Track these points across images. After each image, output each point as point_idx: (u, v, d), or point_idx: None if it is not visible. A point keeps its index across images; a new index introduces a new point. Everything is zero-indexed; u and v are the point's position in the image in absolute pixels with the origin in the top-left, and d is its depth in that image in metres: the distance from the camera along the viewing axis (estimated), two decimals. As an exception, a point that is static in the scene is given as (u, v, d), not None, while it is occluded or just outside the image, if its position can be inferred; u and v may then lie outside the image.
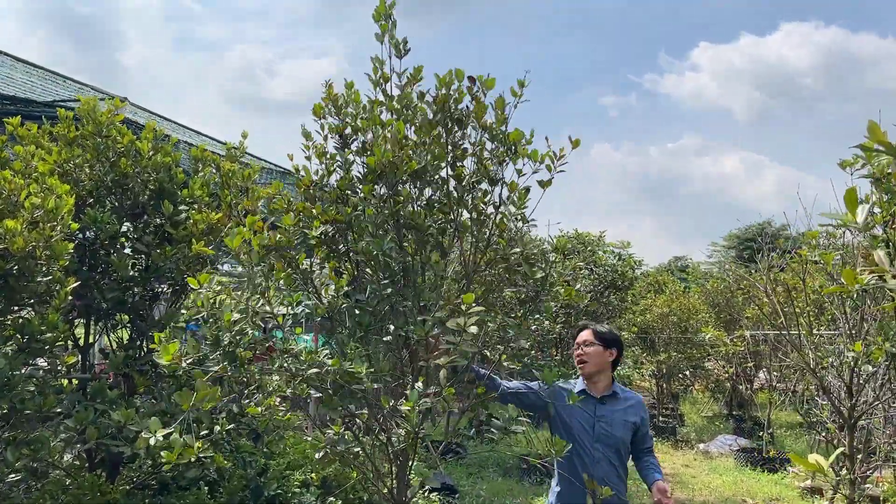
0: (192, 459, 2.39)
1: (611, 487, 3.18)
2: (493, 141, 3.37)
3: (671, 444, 12.78)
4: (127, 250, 4.05)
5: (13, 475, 3.21)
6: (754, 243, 31.25)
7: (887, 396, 5.18)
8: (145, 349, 4.16)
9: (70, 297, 3.29)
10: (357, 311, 3.40)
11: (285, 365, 2.90)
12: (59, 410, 3.50)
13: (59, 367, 3.43)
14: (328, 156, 3.48)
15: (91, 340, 4.30)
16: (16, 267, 3.05)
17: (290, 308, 3.21)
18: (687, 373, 14.14)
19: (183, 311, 4.10)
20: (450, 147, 3.34)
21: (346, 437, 3.40)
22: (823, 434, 8.70)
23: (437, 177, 3.41)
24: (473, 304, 2.88)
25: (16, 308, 3.30)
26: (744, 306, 11.65)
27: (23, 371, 3.21)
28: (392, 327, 3.47)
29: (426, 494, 6.48)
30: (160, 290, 4.18)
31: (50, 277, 3.44)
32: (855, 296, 3.83)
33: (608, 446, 3.50)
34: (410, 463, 3.65)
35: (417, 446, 3.50)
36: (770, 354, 11.05)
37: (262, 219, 3.34)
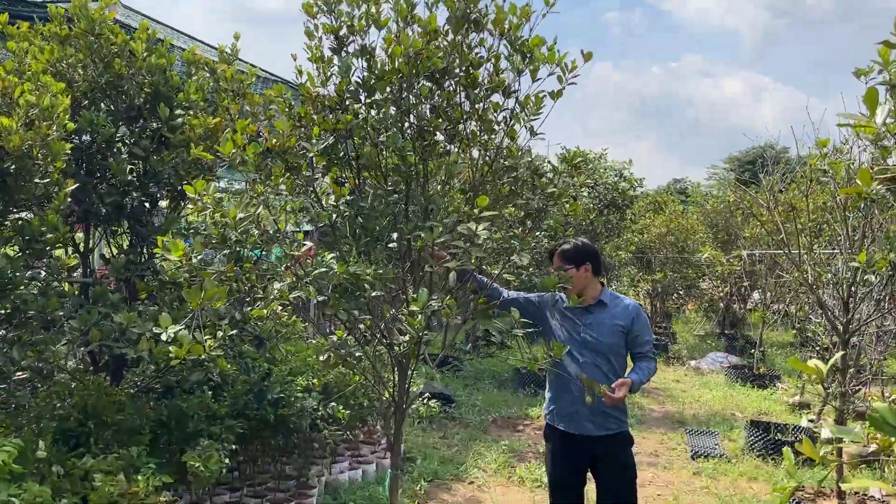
0: (202, 356, 2.39)
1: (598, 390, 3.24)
2: (511, 48, 3.26)
3: (663, 361, 13.03)
4: (124, 155, 3.98)
5: (19, 373, 3.25)
6: (754, 166, 31.06)
7: (881, 314, 5.24)
8: (146, 255, 4.15)
9: (69, 200, 3.25)
10: (360, 219, 3.37)
11: (292, 267, 2.88)
12: (61, 314, 3.52)
13: (60, 270, 3.42)
14: (326, 59, 3.35)
15: (91, 246, 4.29)
16: (13, 167, 3.00)
17: (292, 213, 3.18)
18: (681, 292, 14.29)
19: (185, 213, 4.07)
20: (465, 50, 3.23)
21: (349, 341, 3.44)
22: (816, 351, 8.86)
23: (449, 83, 3.31)
24: (485, 210, 2.85)
25: (15, 210, 3.26)
26: (743, 225, 11.66)
27: (25, 273, 3.20)
28: (396, 235, 3.46)
29: (425, 402, 6.64)
30: (159, 196, 4.13)
31: (48, 180, 3.39)
32: (862, 205, 3.81)
33: (596, 353, 3.60)
34: (411, 371, 3.70)
35: (419, 352, 3.55)
36: (766, 274, 11.13)
37: (258, 123, 3.27)
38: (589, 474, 3.77)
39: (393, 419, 3.79)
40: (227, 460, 3.58)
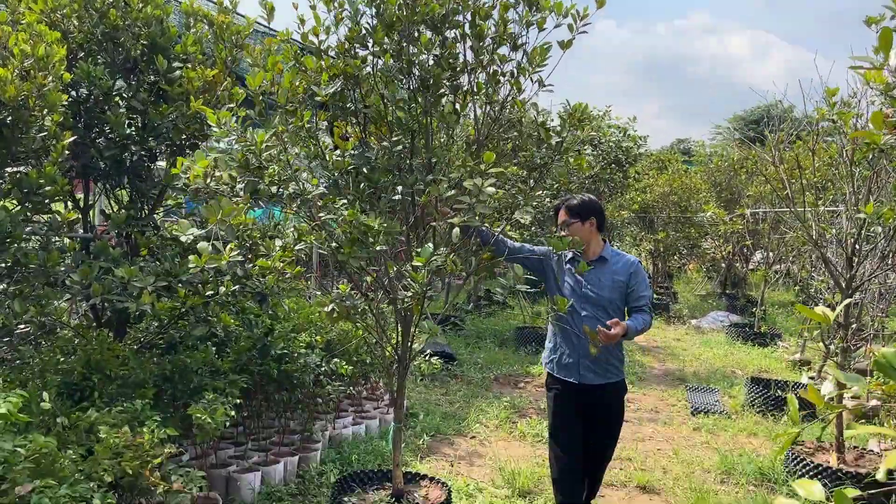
0: (224, 263, 2.41)
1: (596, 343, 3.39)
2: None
3: (664, 320, 13.09)
4: (122, 109, 3.92)
5: (22, 326, 3.24)
6: (759, 125, 30.78)
7: (884, 270, 5.23)
8: (146, 211, 4.12)
9: (67, 153, 3.20)
10: (365, 170, 3.33)
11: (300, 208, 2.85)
12: (62, 269, 3.50)
13: (60, 225, 3.40)
14: (336, 2, 3.27)
15: (91, 202, 4.26)
16: (9, 118, 2.95)
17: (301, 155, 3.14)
18: (683, 251, 14.27)
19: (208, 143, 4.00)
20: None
21: (353, 294, 3.43)
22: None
23: (454, 33, 3.24)
24: (491, 164, 2.81)
25: (13, 163, 3.22)
26: (746, 184, 11.57)
27: (24, 227, 3.17)
28: (400, 188, 3.43)
29: (427, 359, 6.67)
30: (158, 151, 4.08)
31: (45, 133, 3.35)
32: (871, 156, 3.76)
33: (596, 307, 3.70)
34: (414, 327, 3.70)
35: (423, 307, 3.54)
36: (769, 233, 11.10)
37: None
38: None
39: (396, 374, 3.81)
40: (232, 413, 3.59)
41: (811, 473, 4.69)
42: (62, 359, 3.66)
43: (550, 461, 3.89)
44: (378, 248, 3.12)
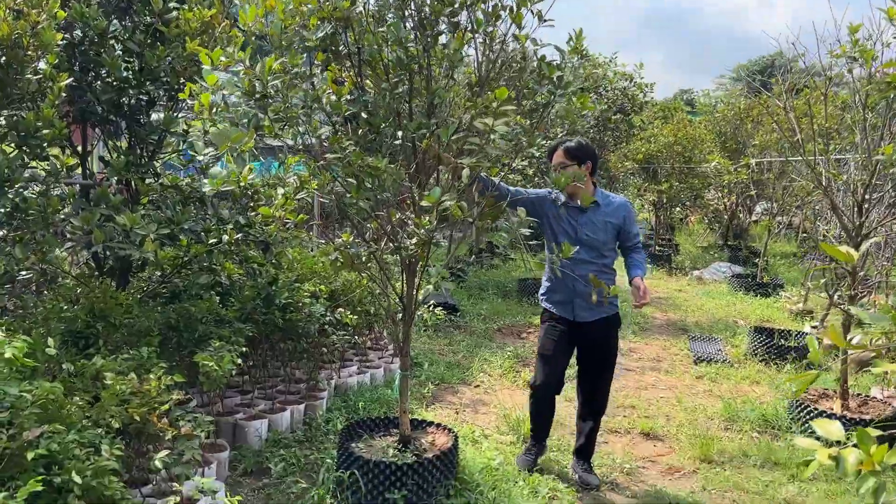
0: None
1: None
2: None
3: (665, 271, 13.09)
4: (118, 51, 3.81)
5: (23, 272, 3.20)
6: (763, 75, 30.34)
7: (894, 217, 5.18)
8: (146, 156, 4.04)
9: (63, 95, 3.11)
10: (364, 114, 3.24)
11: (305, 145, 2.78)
12: (62, 217, 3.45)
13: (59, 170, 3.33)
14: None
15: (89, 148, 4.18)
16: (3, 58, 2.85)
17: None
18: (686, 203, 14.19)
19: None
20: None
21: (357, 242, 3.38)
22: (822, 259, 8.85)
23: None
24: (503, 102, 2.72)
25: (9, 106, 3.13)
26: (753, 132, 11.42)
27: (23, 171, 3.10)
28: (400, 133, 3.34)
29: (431, 309, 6.66)
30: (156, 95, 3.98)
31: (41, 76, 3.25)
32: (891, 96, 3.67)
33: (591, 248, 3.86)
34: (419, 275, 3.65)
35: (428, 255, 3.50)
36: (774, 183, 11.00)
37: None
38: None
39: (402, 322, 3.78)
40: (239, 361, 3.58)
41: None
42: (65, 307, 3.63)
43: (533, 382, 4.20)
44: (385, 193, 3.05)
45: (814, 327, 8.05)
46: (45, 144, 3.08)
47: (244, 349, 3.87)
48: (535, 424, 4.26)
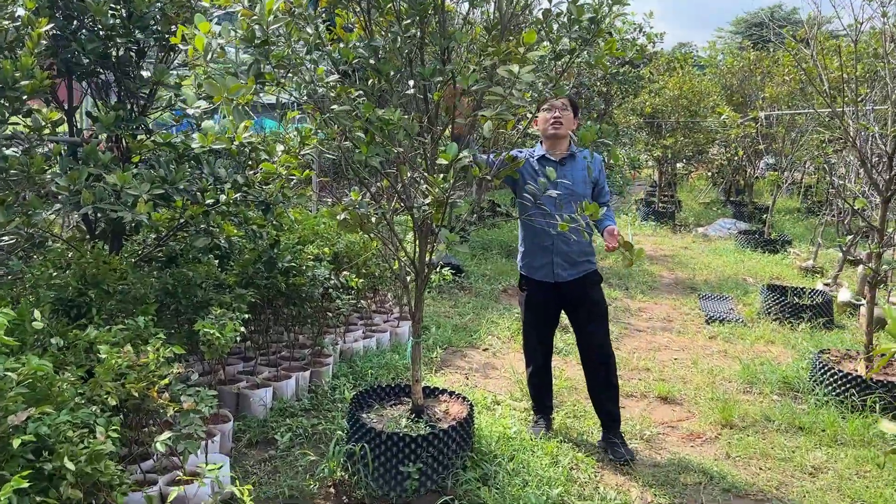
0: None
1: (572, 237, 3.59)
2: None
3: (669, 228, 12.88)
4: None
5: (7, 237, 2.96)
6: (762, 28, 29.69)
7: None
8: (137, 112, 3.77)
9: (44, 43, 2.83)
10: (373, 61, 2.97)
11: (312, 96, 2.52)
12: (48, 177, 3.19)
13: (43, 126, 3.05)
14: None
15: (75, 104, 3.89)
16: (-28, 1, 2.57)
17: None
18: (690, 158, 13.91)
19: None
20: None
21: (365, 201, 3.13)
22: (838, 214, 8.63)
23: None
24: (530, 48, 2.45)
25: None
26: (761, 85, 11.07)
27: (3, 128, 2.84)
28: (412, 82, 3.08)
29: (437, 269, 6.45)
30: (146, 44, 3.69)
31: (18, 23, 2.96)
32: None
33: (570, 202, 3.75)
34: (433, 237, 3.42)
35: (443, 216, 3.27)
36: (783, 137, 10.70)
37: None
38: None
39: (414, 287, 3.57)
40: (241, 328, 3.37)
41: (839, 382, 4.55)
42: (55, 273, 3.39)
43: (525, 355, 4.21)
44: (398, 148, 2.80)
45: (826, 285, 7.88)
46: (24, 97, 2.80)
47: (247, 315, 3.65)
48: (534, 397, 4.24)
